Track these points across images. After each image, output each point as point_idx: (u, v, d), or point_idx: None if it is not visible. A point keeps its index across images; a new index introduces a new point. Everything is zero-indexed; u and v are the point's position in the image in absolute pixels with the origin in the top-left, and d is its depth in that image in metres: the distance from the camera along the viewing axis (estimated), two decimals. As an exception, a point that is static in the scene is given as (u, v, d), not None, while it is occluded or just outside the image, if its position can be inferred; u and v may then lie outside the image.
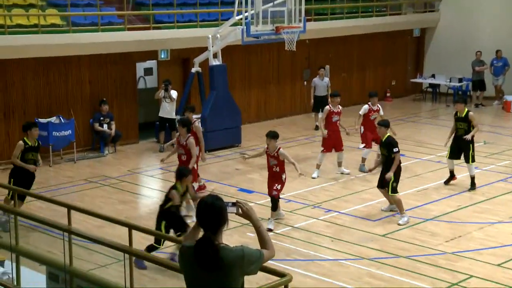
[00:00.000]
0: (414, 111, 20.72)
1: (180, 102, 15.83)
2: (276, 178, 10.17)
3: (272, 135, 10.23)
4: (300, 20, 15.33)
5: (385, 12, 21.88)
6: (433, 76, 22.33)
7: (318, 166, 13.13)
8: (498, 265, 8.80)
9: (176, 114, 15.42)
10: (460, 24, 22.34)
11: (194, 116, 12.57)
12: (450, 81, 21.47)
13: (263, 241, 4.33)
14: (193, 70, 15.79)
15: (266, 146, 10.38)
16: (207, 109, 15.29)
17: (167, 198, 8.64)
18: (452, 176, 12.42)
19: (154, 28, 16.01)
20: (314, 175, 13.02)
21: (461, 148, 12.07)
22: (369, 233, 9.98)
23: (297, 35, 15.28)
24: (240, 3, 14.77)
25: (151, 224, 10.15)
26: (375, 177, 11.52)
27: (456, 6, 22.55)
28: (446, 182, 12.41)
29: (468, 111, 12.15)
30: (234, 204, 4.26)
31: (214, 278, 4.09)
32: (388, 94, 22.45)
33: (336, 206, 11.23)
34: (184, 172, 8.72)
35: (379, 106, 13.56)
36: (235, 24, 15.27)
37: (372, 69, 21.97)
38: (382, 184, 10.57)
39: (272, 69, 19.15)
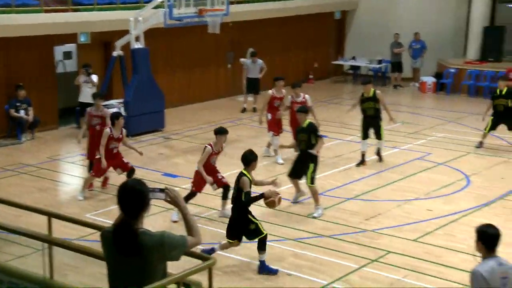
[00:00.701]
0: (336, 93, 21.11)
1: (102, 87, 15.49)
2: (215, 168, 9.98)
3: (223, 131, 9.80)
4: (223, 3, 15.28)
5: (308, -5, 22.11)
6: (353, 58, 22.80)
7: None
8: (415, 240, 9.15)
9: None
10: (379, 7, 22.85)
11: (115, 101, 12.36)
12: (370, 63, 21.99)
13: (190, 228, 4.33)
14: (115, 53, 15.46)
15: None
16: (130, 93, 15.05)
17: (239, 187, 8.08)
18: (363, 160, 12.60)
19: (73, 10, 15.54)
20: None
21: (370, 127, 12.53)
22: (293, 214, 10.14)
23: (220, 18, 15.23)
24: (162, -15, 14.55)
25: (72, 212, 9.92)
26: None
27: (375, -11, 23.07)
28: (358, 165, 12.55)
29: (375, 91, 12.53)
30: (162, 190, 4.24)
31: (133, 263, 4.06)
32: (310, 76, 22.76)
33: (261, 189, 11.30)
34: (251, 158, 8.19)
35: (306, 97, 12.52)
36: (157, 7, 15.03)
37: (294, 52, 22.19)
38: (295, 174, 10.27)
39: (196, 53, 19.01)
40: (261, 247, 8.13)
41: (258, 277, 8.08)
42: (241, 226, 8.12)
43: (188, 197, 9.81)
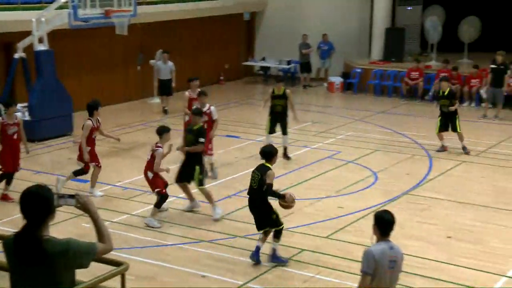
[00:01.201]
0: (247, 93, 21.25)
1: (3, 91, 14.85)
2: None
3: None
4: (130, 4, 15.02)
5: (215, -4, 22.14)
6: (263, 59, 23.04)
7: None
8: (327, 237, 9.33)
9: None
10: (287, 8, 23.22)
11: (19, 105, 11.82)
12: (279, 64, 22.28)
13: (100, 234, 4.20)
14: (17, 55, 14.87)
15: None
16: (34, 97, 14.52)
17: (263, 179, 8.13)
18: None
19: (-29, 11, 14.83)
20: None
21: (278, 122, 13.05)
22: (208, 216, 10.09)
23: (128, 19, 14.97)
24: (65, -15, 14.12)
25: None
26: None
27: (283, -9, 23.41)
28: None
29: (285, 89, 13.19)
30: (72, 196, 4.11)
31: (38, 273, 3.89)
32: (221, 78, 22.81)
33: (174, 191, 11.19)
34: (273, 152, 8.40)
35: (212, 109, 11.79)
36: (61, 7, 14.59)
37: (205, 53, 22.15)
38: (183, 178, 9.98)
39: (104, 54, 18.58)
40: (278, 236, 8.37)
41: (173, 280, 7.98)
42: (265, 216, 8.28)
43: (162, 201, 9.69)
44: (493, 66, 16.92)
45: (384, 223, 5.29)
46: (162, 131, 9.82)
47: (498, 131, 15.71)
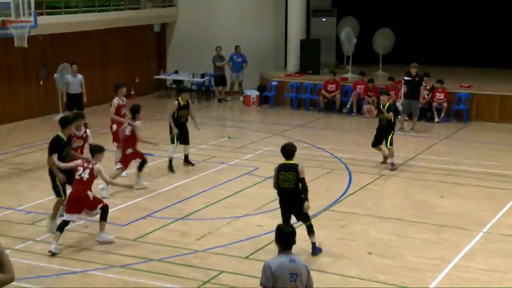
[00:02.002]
0: (159, 108, 21.00)
1: None
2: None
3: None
4: (30, 14, 14.57)
5: (123, 7, 21.85)
6: (176, 72, 22.93)
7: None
8: (246, 257, 9.33)
9: None
10: (199, 19, 23.25)
11: None
12: (193, 77, 22.24)
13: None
14: None
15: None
16: None
17: (299, 176, 8.99)
18: (171, 166, 13.54)
19: None
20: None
21: (185, 132, 13.63)
22: (119, 239, 9.87)
23: (28, 30, 14.51)
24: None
25: None
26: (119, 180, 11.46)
27: (195, 1, 23.41)
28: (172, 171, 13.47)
29: (188, 100, 13.73)
30: None
31: None
32: (132, 92, 22.48)
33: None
34: (295, 149, 9.24)
35: (88, 132, 11.13)
36: (-48, 18, 13.95)
37: (114, 66, 21.81)
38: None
39: (2, 68, 17.91)
40: (312, 230, 9.33)
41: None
42: (302, 211, 9.16)
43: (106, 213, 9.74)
44: (407, 78, 17.56)
45: (284, 236, 5.58)
46: (95, 151, 9.68)
47: (414, 143, 16.31)
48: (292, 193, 9.07)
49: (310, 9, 23.32)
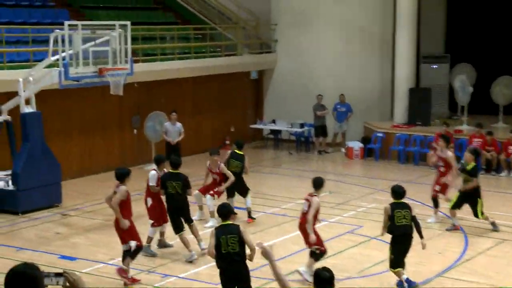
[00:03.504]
0: (256, 160, 21.32)
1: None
2: None
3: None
4: (126, 61, 15.34)
5: (219, 53, 22.58)
6: (273, 121, 23.27)
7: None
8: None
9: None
10: (299, 66, 23.60)
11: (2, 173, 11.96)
12: (291, 127, 22.49)
13: None
14: (1, 118, 15.10)
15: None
16: (19, 164, 14.66)
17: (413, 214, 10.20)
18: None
19: (-48, 69, 15.18)
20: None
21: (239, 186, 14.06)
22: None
23: (124, 78, 15.26)
24: (55, 42, 14.47)
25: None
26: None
27: (293, 47, 23.84)
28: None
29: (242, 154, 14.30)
30: (59, 274, 4.07)
31: None
32: (227, 142, 22.96)
33: (174, 270, 11.09)
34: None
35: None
36: (51, 66, 14.91)
37: (208, 115, 22.44)
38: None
39: (97, 116, 18.86)
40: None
41: None
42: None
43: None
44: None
45: (320, 281, 5.67)
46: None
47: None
48: (410, 230, 10.12)
49: (420, 55, 23.19)
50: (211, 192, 13.75)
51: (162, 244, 12.24)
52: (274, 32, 24.33)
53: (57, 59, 14.55)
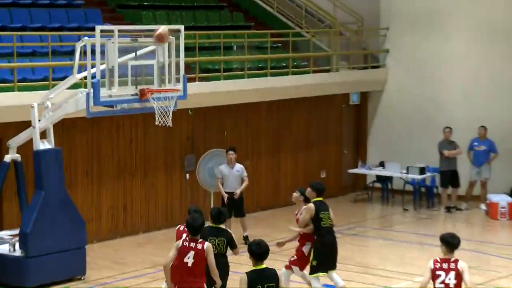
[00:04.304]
0: (356, 218, 21.13)
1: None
2: None
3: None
4: (178, 80, 15.43)
5: (307, 68, 22.54)
6: (381, 164, 23.03)
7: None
8: None
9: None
10: (418, 86, 23.37)
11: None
12: (407, 172, 22.17)
13: None
14: (7, 158, 15.44)
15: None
16: (29, 220, 14.85)
17: None
18: None
19: None
20: None
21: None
22: None
23: (174, 103, 15.35)
24: (83, 53, 14.72)
25: None
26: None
27: (412, 59, 23.66)
28: None
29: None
30: None
31: None
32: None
33: None
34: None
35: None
36: (76, 86, 15.16)
37: (290, 154, 22.39)
38: None
39: (136, 155, 19.07)
40: None
41: None
42: None
43: None
44: None
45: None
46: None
47: None
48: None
49: None
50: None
51: None
52: (384, 39, 24.24)
53: (85, 77, 14.78)
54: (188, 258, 10.80)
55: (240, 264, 13.07)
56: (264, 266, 9.30)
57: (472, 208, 21.81)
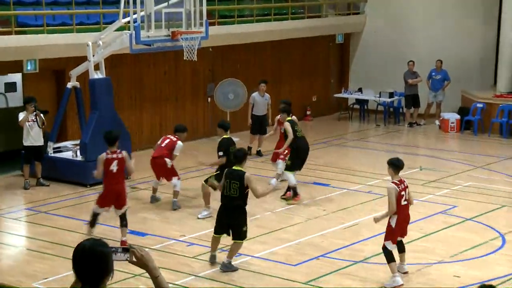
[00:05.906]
0: (339, 132, 21.31)
1: (53, 125, 15.56)
2: None
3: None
4: (201, 24, 15.50)
5: (302, 15, 22.50)
6: (360, 90, 23.11)
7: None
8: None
9: (47, 141, 15.14)
10: (390, 29, 23.30)
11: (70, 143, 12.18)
12: (379, 96, 22.28)
13: None
14: (69, 85, 15.59)
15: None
16: (87, 133, 15.12)
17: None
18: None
19: (17, 32, 15.68)
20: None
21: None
22: (288, 281, 10.15)
23: (198, 42, 15.44)
24: (127, 3, 14.77)
25: (16, 280, 9.88)
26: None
27: (385, 7, 23.57)
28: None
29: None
30: (126, 249, 4.21)
31: None
32: (308, 113, 23.01)
33: (250, 250, 11.32)
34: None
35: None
36: (121, 29, 15.24)
37: (288, 82, 22.48)
38: None
39: (169, 84, 19.21)
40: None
41: None
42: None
43: None
44: None
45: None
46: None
47: None
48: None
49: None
50: (281, 156, 14.49)
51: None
52: (363, -9, 24.09)
53: (128, 22, 14.85)
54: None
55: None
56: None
57: (429, 124, 21.94)
